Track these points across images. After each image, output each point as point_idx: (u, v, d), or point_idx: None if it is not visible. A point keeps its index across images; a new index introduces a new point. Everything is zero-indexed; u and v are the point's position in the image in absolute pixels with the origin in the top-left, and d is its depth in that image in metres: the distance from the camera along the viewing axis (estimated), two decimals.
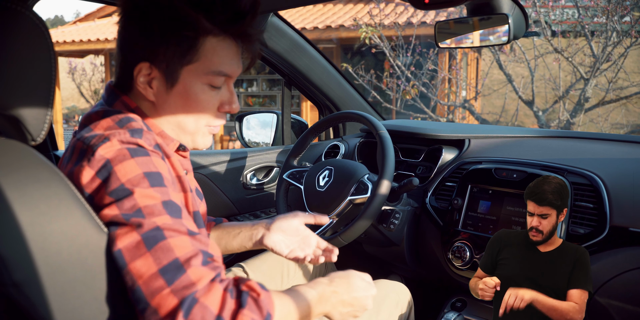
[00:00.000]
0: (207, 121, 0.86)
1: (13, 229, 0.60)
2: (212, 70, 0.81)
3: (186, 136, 0.87)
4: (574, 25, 5.06)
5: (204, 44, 0.79)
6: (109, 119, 0.79)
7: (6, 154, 0.64)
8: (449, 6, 1.02)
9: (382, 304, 1.18)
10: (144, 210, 0.68)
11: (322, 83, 1.84)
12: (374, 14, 5.71)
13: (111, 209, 0.68)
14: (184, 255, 0.67)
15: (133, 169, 0.70)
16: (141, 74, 0.80)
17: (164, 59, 0.79)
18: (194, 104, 0.83)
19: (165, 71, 0.80)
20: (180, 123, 0.85)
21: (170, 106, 0.83)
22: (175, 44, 0.78)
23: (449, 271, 1.36)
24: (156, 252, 0.66)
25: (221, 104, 0.86)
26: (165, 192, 0.72)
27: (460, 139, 1.58)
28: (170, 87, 0.81)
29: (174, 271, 0.65)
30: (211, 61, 0.80)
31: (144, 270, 0.65)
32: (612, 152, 1.37)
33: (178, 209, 0.72)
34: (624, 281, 1.08)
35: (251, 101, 8.70)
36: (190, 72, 0.80)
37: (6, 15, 0.64)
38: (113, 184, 0.69)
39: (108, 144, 0.71)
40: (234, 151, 1.75)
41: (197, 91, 0.82)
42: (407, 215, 1.44)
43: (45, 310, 0.61)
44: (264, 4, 1.46)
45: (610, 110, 6.09)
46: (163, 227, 0.68)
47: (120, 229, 0.67)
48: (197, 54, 0.79)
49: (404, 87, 5.61)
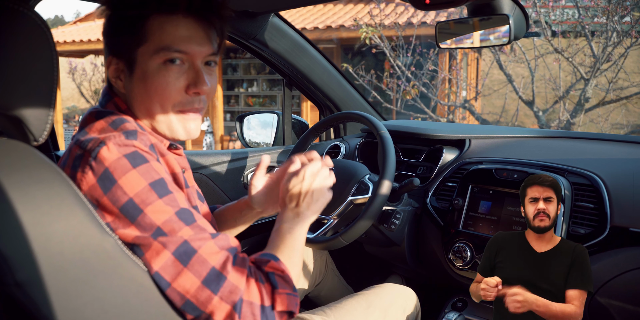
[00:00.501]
0: (175, 104, 0.84)
1: (15, 229, 0.60)
2: (161, 47, 0.80)
3: (161, 125, 0.85)
4: (574, 25, 5.06)
5: (151, 23, 0.80)
6: (102, 121, 0.80)
7: (8, 154, 0.64)
8: (450, 7, 1.03)
9: (389, 309, 1.18)
10: (164, 227, 0.71)
11: (322, 83, 1.84)
12: (374, 14, 5.71)
13: (130, 230, 0.70)
14: (217, 262, 0.73)
15: (138, 181, 0.72)
16: (111, 68, 0.84)
17: (121, 47, 0.82)
18: (154, 86, 0.81)
19: (125, 59, 0.82)
20: (150, 110, 0.84)
21: (137, 94, 0.83)
22: (125, 29, 0.80)
23: (450, 271, 1.36)
24: (193, 267, 0.71)
25: (187, 85, 0.83)
26: (173, 199, 0.74)
27: (460, 139, 1.59)
28: (131, 74, 0.83)
29: (216, 280, 0.72)
30: (160, 38, 0.80)
31: (188, 285, 0.71)
32: (613, 153, 1.37)
33: (189, 213, 0.75)
34: (625, 281, 1.08)
35: (251, 101, 8.71)
36: (144, 54, 0.81)
37: (8, 16, 0.64)
38: (121, 199, 0.70)
39: (105, 150, 0.72)
40: (234, 151, 1.75)
41: (154, 72, 0.81)
42: (407, 216, 1.44)
43: (47, 309, 0.61)
44: (264, 5, 1.46)
45: (611, 110, 6.09)
46: (189, 239, 0.72)
47: (149, 251, 0.71)
48: (146, 34, 0.80)
49: (404, 87, 5.61)
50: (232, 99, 8.89)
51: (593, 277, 1.05)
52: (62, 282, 0.62)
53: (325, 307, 1.14)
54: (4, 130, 0.69)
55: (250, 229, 1.65)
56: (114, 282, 0.67)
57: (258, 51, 1.69)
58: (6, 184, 0.61)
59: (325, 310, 1.11)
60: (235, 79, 8.76)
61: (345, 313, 1.11)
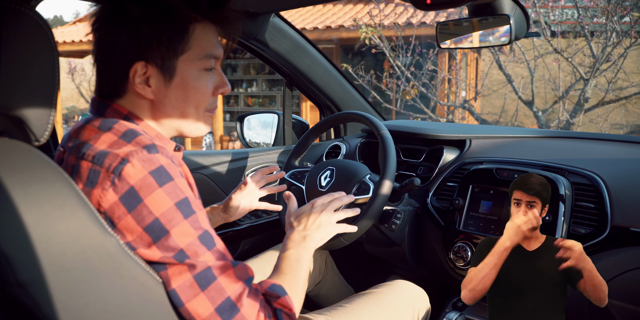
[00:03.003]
0: (206, 106, 0.88)
1: (18, 229, 0.60)
2: (204, 55, 0.83)
3: (189, 125, 0.88)
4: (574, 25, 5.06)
5: (193, 32, 0.81)
6: (109, 133, 0.77)
7: (10, 154, 0.64)
8: (451, 7, 1.02)
9: (399, 308, 1.17)
10: (187, 251, 0.72)
11: (323, 83, 1.84)
12: (374, 14, 5.71)
13: (153, 251, 0.71)
14: (234, 293, 0.75)
15: (164, 201, 0.72)
16: (137, 75, 0.79)
17: (159, 54, 0.79)
18: (194, 91, 0.84)
19: (161, 66, 0.80)
20: (184, 113, 0.86)
21: (171, 100, 0.83)
22: (166, 38, 0.78)
23: (450, 271, 1.36)
24: (210, 293, 0.73)
25: (215, 87, 0.88)
26: (196, 220, 0.75)
27: (461, 139, 1.59)
28: (169, 81, 0.81)
29: (229, 311, 0.73)
30: (201, 46, 0.82)
31: (201, 310, 0.73)
32: (613, 152, 1.38)
33: (210, 237, 0.76)
34: (625, 281, 1.08)
35: (251, 101, 8.70)
36: (186, 61, 0.81)
37: (9, 16, 0.64)
38: (147, 218, 0.71)
39: (129, 167, 0.71)
40: (235, 151, 1.75)
41: (194, 78, 0.83)
42: (408, 216, 1.44)
43: (49, 309, 0.61)
44: (265, 5, 1.46)
45: (610, 110, 6.10)
46: (212, 266, 0.74)
47: (170, 268, 0.72)
48: (189, 43, 0.81)
49: (404, 87, 5.61)
50: (231, 99, 8.89)
51: None
52: (64, 282, 0.62)
53: (331, 307, 1.13)
54: (5, 131, 0.69)
55: (250, 229, 1.66)
56: (115, 282, 0.67)
57: (259, 51, 1.69)
58: (8, 184, 0.61)
59: (331, 311, 1.11)
60: (235, 79, 8.76)
61: (353, 313, 1.11)
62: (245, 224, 1.65)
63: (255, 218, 1.73)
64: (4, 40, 0.63)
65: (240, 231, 1.62)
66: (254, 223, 1.68)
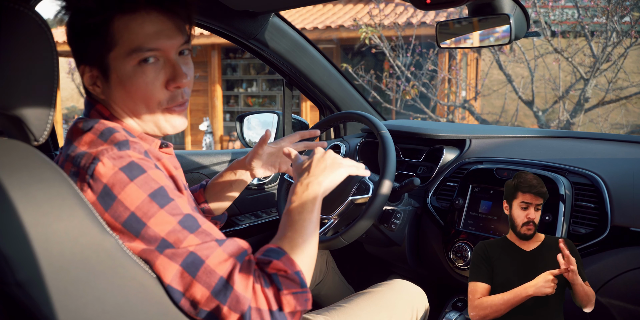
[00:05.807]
0: (159, 102, 0.83)
1: (16, 228, 0.60)
2: (132, 49, 0.78)
3: (148, 125, 0.85)
4: (574, 25, 5.07)
5: (116, 25, 0.77)
6: (90, 133, 0.78)
7: (9, 153, 0.64)
8: (451, 6, 1.02)
9: (398, 307, 1.16)
10: (168, 238, 0.71)
11: (323, 83, 1.84)
12: (374, 14, 5.71)
13: (136, 244, 0.71)
14: (225, 271, 0.72)
15: (137, 194, 0.71)
16: (85, 77, 0.82)
17: (91, 54, 0.79)
18: (134, 88, 0.80)
19: (98, 66, 0.80)
20: (135, 112, 0.83)
21: (117, 98, 0.82)
22: (91, 36, 0.78)
23: (450, 271, 1.36)
24: (201, 278, 0.71)
25: (167, 80, 0.82)
26: (175, 207, 0.73)
27: (461, 139, 1.59)
28: (107, 80, 0.81)
29: (223, 291, 0.72)
30: (129, 40, 0.77)
31: (198, 296, 0.72)
32: (613, 152, 1.37)
33: (193, 219, 0.74)
34: (625, 281, 1.08)
35: (251, 101, 8.71)
36: (116, 58, 0.79)
37: (8, 15, 0.64)
38: (123, 214, 0.71)
39: (100, 166, 0.72)
40: (234, 151, 1.75)
41: (130, 75, 0.79)
42: (408, 215, 1.44)
43: (48, 309, 0.61)
44: (264, 4, 1.46)
45: (610, 110, 6.10)
46: (195, 250, 0.72)
47: (157, 262, 0.71)
48: (113, 38, 0.77)
49: (404, 87, 5.61)
50: (231, 99, 8.89)
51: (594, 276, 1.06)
52: (62, 282, 0.62)
53: (330, 307, 1.13)
54: (4, 130, 0.69)
55: (250, 229, 1.66)
56: (114, 282, 0.67)
57: (258, 51, 1.69)
58: (7, 183, 0.61)
59: (329, 311, 1.11)
60: (235, 79, 8.76)
61: (351, 313, 1.11)
62: (245, 224, 1.65)
63: (255, 218, 1.73)
64: (3, 40, 0.63)
65: (240, 231, 1.63)
66: (254, 223, 1.68)
